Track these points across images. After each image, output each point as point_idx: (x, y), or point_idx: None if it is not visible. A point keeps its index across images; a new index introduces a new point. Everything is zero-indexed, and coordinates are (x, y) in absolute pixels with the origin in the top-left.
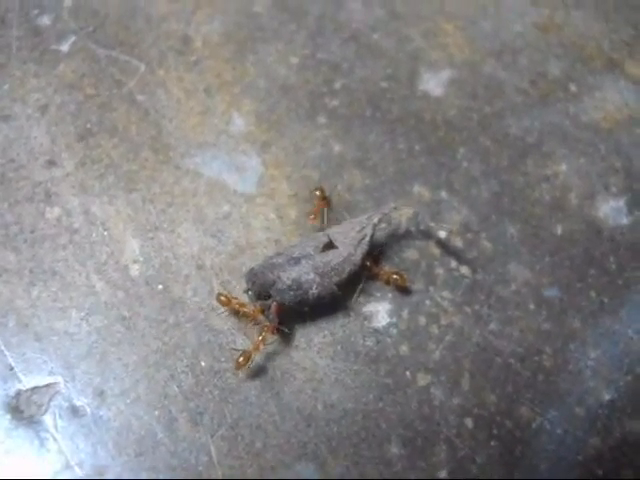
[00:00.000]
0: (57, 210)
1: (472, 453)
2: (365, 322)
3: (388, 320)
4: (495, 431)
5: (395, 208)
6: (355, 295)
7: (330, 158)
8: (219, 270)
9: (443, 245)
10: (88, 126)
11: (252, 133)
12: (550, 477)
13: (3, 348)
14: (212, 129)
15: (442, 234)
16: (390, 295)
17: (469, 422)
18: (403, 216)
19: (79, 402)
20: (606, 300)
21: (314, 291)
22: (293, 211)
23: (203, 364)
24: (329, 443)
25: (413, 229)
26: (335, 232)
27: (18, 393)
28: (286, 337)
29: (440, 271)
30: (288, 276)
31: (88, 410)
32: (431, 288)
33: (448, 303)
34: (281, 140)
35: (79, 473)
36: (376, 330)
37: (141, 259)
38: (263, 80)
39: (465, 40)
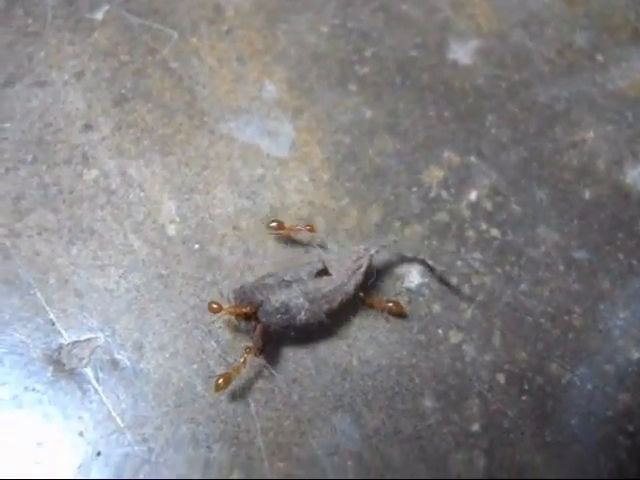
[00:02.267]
0: (94, 172)
1: (504, 407)
2: (398, 282)
3: (420, 280)
4: (526, 386)
5: (395, 242)
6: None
7: (361, 124)
8: (254, 230)
9: (474, 208)
10: (123, 92)
11: (284, 100)
12: (580, 432)
13: (44, 304)
14: (245, 96)
15: None
16: (422, 256)
17: (501, 377)
18: (434, 179)
19: (119, 356)
20: (635, 262)
21: (302, 317)
22: (326, 174)
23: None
24: (364, 396)
25: (444, 193)
26: (331, 259)
27: (60, 347)
28: (270, 357)
29: (471, 233)
30: (277, 299)
31: (128, 363)
32: (462, 249)
33: (479, 264)
34: (313, 106)
35: (120, 423)
36: (409, 290)
37: (177, 219)
38: (294, 49)
39: (492, 11)
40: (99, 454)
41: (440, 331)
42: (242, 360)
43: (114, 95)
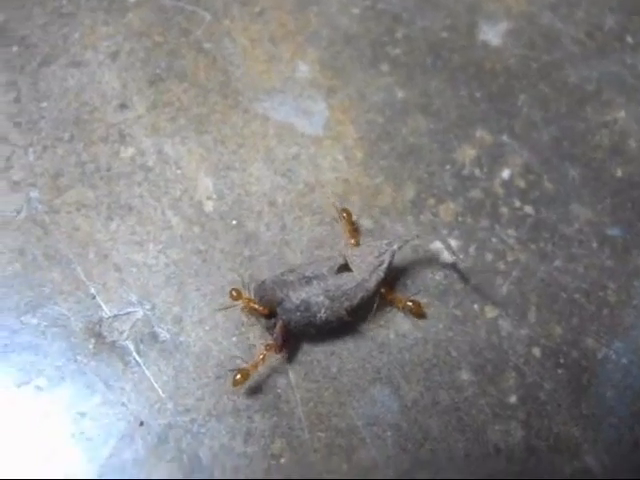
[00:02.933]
0: (131, 150)
1: (540, 380)
2: (433, 257)
3: (455, 256)
4: (562, 360)
5: (417, 236)
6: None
7: (394, 103)
8: (290, 207)
9: (507, 186)
10: (157, 72)
11: (317, 80)
12: (616, 404)
13: (84, 278)
14: (278, 76)
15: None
16: (457, 232)
17: (536, 351)
18: (467, 158)
19: (159, 329)
20: None
21: (322, 315)
22: (360, 153)
23: None
24: (402, 369)
25: (477, 171)
26: (353, 254)
27: (100, 320)
28: (290, 355)
29: (504, 210)
30: (297, 296)
31: (168, 336)
32: (496, 226)
33: (513, 240)
34: (345, 86)
35: (162, 394)
36: (444, 265)
37: (214, 196)
38: (326, 30)
39: None
40: (142, 424)
41: (476, 306)
42: (261, 357)
43: (149, 75)
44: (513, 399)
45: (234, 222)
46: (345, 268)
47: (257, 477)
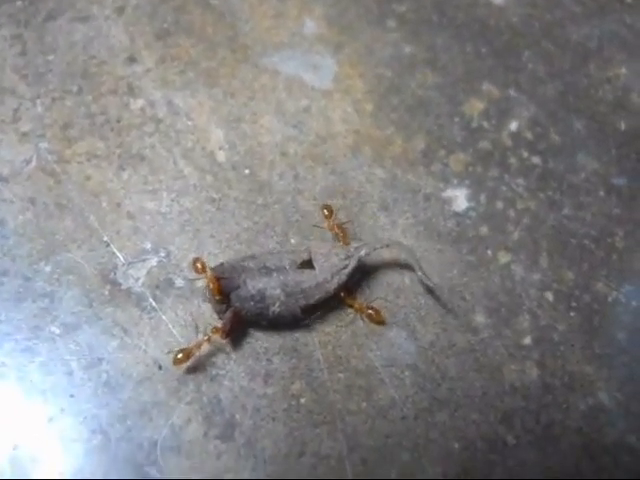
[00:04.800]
0: (141, 102)
1: (553, 322)
2: (445, 206)
3: (467, 204)
4: (574, 303)
5: (387, 245)
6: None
7: (401, 58)
8: (302, 157)
9: (515, 137)
10: (165, 26)
11: (324, 36)
12: (628, 344)
13: (97, 226)
14: (286, 32)
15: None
16: (467, 182)
17: (549, 295)
18: (475, 110)
19: (175, 275)
20: None
21: (276, 308)
22: (369, 105)
23: (293, 241)
24: (418, 313)
25: (485, 123)
26: (318, 252)
27: (115, 267)
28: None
29: (513, 160)
30: (254, 285)
31: (184, 282)
32: (506, 176)
33: (522, 189)
34: (353, 42)
35: (180, 339)
36: (456, 213)
37: (226, 146)
38: None
39: None
40: (160, 368)
41: (489, 252)
42: (206, 338)
43: (156, 30)
44: (527, 340)
45: (247, 171)
46: (308, 264)
47: (278, 417)
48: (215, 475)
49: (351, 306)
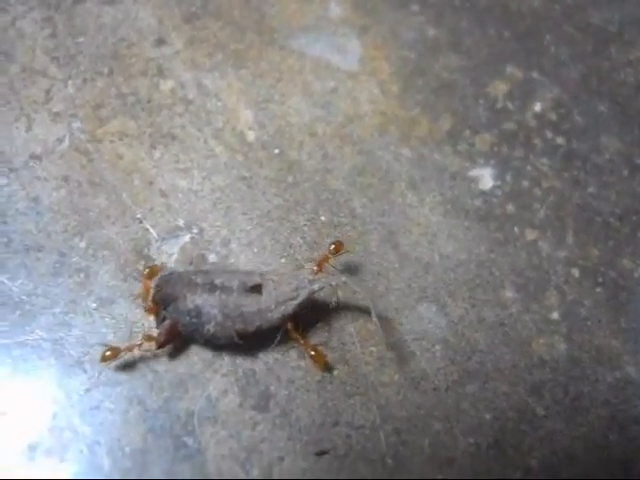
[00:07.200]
0: (170, 83)
1: (580, 298)
2: (472, 184)
3: (493, 183)
4: (600, 279)
5: (345, 283)
6: (272, 345)
7: (425, 41)
8: (331, 137)
9: (539, 118)
10: (193, 9)
11: (349, 18)
12: None
13: (130, 203)
14: (312, 15)
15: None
16: (493, 161)
17: (575, 272)
18: (499, 92)
19: (208, 251)
20: None
21: (210, 328)
22: (395, 87)
23: (323, 219)
24: (447, 288)
25: (510, 104)
26: (270, 278)
27: (148, 243)
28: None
29: (537, 141)
30: (193, 300)
31: (217, 258)
32: (531, 155)
33: (547, 169)
34: (377, 25)
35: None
36: (483, 192)
37: (256, 126)
38: None
39: None
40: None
41: (516, 229)
42: (138, 343)
43: (184, 12)
44: (555, 315)
45: (276, 151)
46: (258, 289)
47: (312, 388)
48: (251, 444)
49: (296, 341)
